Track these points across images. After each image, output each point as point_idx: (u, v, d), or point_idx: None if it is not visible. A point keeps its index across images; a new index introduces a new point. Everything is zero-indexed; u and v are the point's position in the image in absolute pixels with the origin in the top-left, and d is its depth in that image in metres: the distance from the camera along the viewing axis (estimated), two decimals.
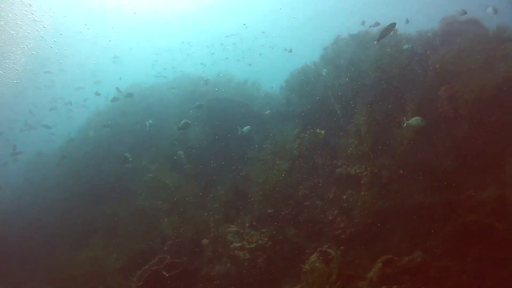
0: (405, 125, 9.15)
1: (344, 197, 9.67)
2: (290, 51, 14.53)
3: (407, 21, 14.02)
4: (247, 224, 10.20)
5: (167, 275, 8.99)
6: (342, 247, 8.62)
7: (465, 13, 12.67)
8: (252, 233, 9.73)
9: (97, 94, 18.31)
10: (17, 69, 25.44)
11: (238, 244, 9.30)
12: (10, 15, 21.28)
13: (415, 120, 9.01)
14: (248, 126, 11.05)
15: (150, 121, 11.61)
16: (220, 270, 9.07)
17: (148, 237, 10.58)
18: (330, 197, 9.92)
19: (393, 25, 9.39)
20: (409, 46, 12.67)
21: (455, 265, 8.31)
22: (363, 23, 15.02)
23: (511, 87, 9.98)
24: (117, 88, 16.44)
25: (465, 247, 8.41)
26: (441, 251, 8.63)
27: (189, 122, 10.66)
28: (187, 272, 9.26)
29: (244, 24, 34.02)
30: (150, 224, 10.87)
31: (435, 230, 8.94)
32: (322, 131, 10.98)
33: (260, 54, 28.90)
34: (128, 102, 15.67)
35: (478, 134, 9.95)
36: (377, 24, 14.09)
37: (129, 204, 11.75)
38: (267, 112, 13.49)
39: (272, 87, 16.85)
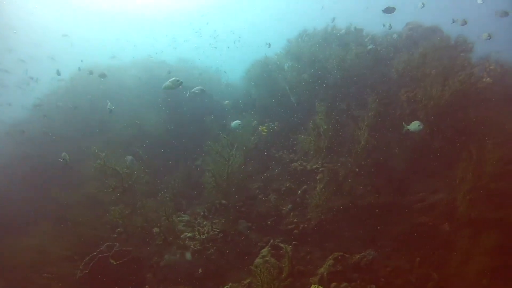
0: (404, 129, 9.16)
1: (299, 192, 9.64)
2: (269, 46, 14.35)
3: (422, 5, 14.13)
4: (200, 214, 10.03)
5: (114, 263, 8.68)
6: (294, 242, 8.59)
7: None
8: (204, 223, 9.56)
9: (58, 73, 17.28)
10: None
11: (189, 234, 9.10)
12: None
13: (414, 125, 9.02)
14: (199, 87, 10.60)
15: (111, 105, 11.01)
16: (170, 260, 8.86)
17: (97, 224, 10.19)
18: (283, 189, 9.86)
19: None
20: (373, 46, 12.82)
21: (403, 264, 8.50)
22: (333, 20, 15.06)
23: (467, 95, 10.35)
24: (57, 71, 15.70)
25: (414, 247, 8.62)
26: (391, 250, 8.80)
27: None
28: (135, 261, 8.98)
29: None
30: (99, 211, 10.46)
31: (387, 230, 9.10)
32: (264, 128, 10.88)
33: (228, 47, 28.51)
34: (83, 84, 15.00)
35: (433, 139, 10.18)
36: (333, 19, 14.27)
37: (78, 191, 11.28)
38: (226, 102, 13.30)
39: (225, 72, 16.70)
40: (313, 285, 6.69)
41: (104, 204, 10.25)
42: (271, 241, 8.78)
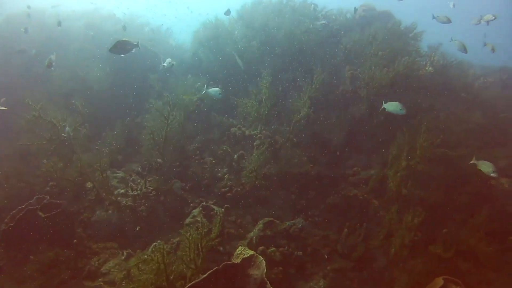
0: (381, 108, 9.02)
1: (235, 156, 9.72)
2: (229, 13, 13.98)
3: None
4: (135, 172, 9.93)
5: (43, 216, 8.46)
6: (226, 205, 8.71)
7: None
8: (138, 181, 9.47)
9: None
10: None
11: (122, 190, 9.01)
12: None
13: (393, 106, 8.83)
14: (169, 59, 10.22)
15: (50, 59, 10.33)
16: (101, 216, 8.76)
17: (30, 178, 9.84)
18: (220, 153, 9.91)
19: None
20: (326, 22, 12.92)
21: (332, 234, 8.86)
22: None
23: (408, 80, 10.80)
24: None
25: (343, 218, 8.98)
26: (321, 220, 9.13)
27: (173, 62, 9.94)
28: (66, 215, 8.79)
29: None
30: (33, 164, 10.10)
31: (318, 200, 9.42)
32: (187, 96, 10.74)
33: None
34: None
35: (372, 116, 10.53)
36: None
37: (11, 143, 10.79)
38: (173, 62, 13.04)
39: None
40: (240, 246, 6.83)
41: (38, 157, 9.90)
42: (204, 202, 8.85)
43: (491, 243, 7.92)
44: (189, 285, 5.81)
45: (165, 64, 9.78)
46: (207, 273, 5.88)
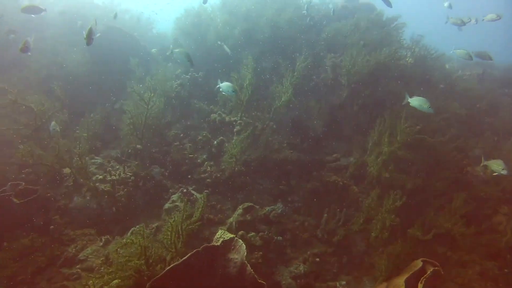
0: (404, 102, 8.77)
1: (215, 142, 9.65)
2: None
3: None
4: (114, 158, 9.80)
5: (17, 202, 8.27)
6: (206, 191, 8.66)
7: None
8: (117, 167, 9.34)
9: None
10: None
11: (100, 176, 8.86)
12: None
13: (418, 101, 8.51)
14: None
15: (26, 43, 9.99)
16: (78, 202, 8.61)
17: (5, 164, 9.60)
18: (199, 138, 9.83)
19: None
20: (308, 12, 12.92)
21: (312, 219, 8.92)
22: None
23: (388, 69, 10.98)
24: None
25: (323, 204, 9.04)
26: (301, 205, 9.18)
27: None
28: (42, 202, 8.62)
29: None
30: (8, 150, 9.85)
31: (298, 186, 9.45)
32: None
33: None
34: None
35: (353, 104, 10.60)
36: None
37: None
38: (154, 50, 12.90)
39: None
40: (220, 230, 6.80)
41: (14, 143, 9.68)
42: (183, 188, 8.78)
43: (466, 227, 8.18)
44: (168, 267, 5.75)
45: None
46: (187, 256, 5.83)
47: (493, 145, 11.35)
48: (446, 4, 14.51)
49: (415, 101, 8.32)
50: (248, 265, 5.97)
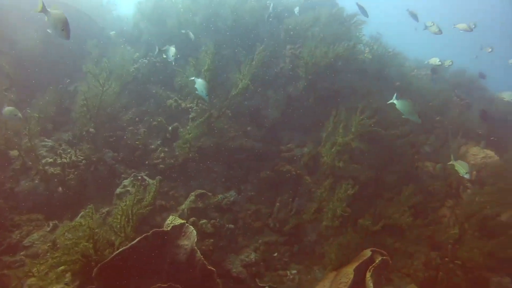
0: (390, 101, 8.49)
1: (170, 128, 9.55)
2: None
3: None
4: (66, 141, 9.51)
5: None
6: (159, 177, 8.54)
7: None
8: (68, 150, 9.07)
9: None
10: None
11: (50, 159, 8.58)
12: None
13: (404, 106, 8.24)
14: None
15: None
16: (25, 185, 8.31)
17: None
18: (154, 124, 9.69)
19: None
20: (271, 3, 12.94)
21: (264, 208, 9.01)
22: None
23: (347, 63, 11.23)
24: None
25: (276, 193, 9.15)
26: (254, 194, 9.25)
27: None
28: None
29: None
30: None
31: (252, 174, 9.51)
32: None
33: None
34: None
35: (309, 95, 10.75)
36: None
37: None
38: (112, 32, 12.58)
39: None
40: (171, 216, 6.76)
41: None
42: (135, 173, 8.65)
43: (414, 219, 8.56)
44: (116, 252, 5.68)
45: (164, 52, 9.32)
46: (136, 240, 5.77)
47: (442, 143, 11.89)
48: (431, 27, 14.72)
49: (400, 104, 7.95)
50: (198, 251, 5.99)
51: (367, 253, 6.72)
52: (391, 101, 8.07)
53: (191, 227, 6.33)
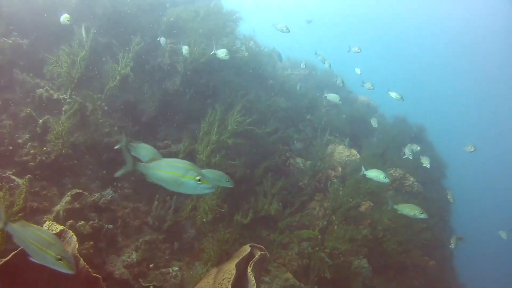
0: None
1: (40, 121, 8.74)
2: None
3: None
4: None
5: None
6: (29, 176, 7.80)
7: None
8: None
9: None
10: None
11: None
12: None
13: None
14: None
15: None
16: None
17: None
18: (22, 116, 8.79)
19: None
20: None
21: (142, 206, 8.97)
22: None
23: (224, 60, 11.24)
24: None
25: (153, 190, 9.09)
26: (131, 191, 9.13)
27: None
28: None
29: None
30: None
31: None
32: None
33: None
34: None
35: (187, 91, 10.87)
36: None
37: None
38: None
39: None
40: (47, 221, 6.34)
41: None
42: (0, 172, 7.81)
43: (284, 210, 9.59)
44: None
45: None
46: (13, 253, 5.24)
47: (310, 141, 13.06)
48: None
49: (370, 173, 9.16)
50: (82, 258, 5.69)
51: (247, 248, 7.11)
52: (361, 173, 9.43)
53: (71, 232, 5.97)
